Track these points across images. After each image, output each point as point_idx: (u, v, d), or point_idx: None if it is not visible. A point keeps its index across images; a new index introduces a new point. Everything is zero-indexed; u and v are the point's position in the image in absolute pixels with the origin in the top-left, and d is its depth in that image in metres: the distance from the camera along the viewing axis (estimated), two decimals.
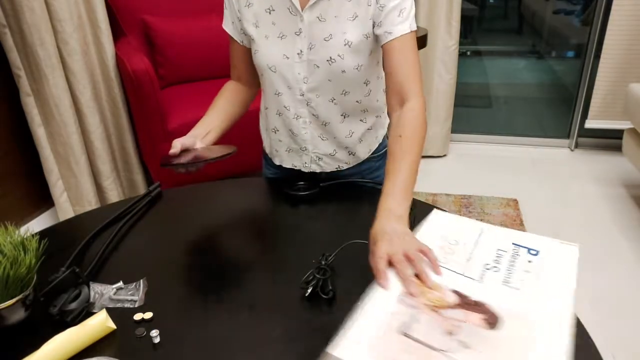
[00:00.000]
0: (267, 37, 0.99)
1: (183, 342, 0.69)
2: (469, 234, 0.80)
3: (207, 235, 0.95)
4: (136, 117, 2.27)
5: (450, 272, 0.71)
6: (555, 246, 0.76)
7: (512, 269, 0.72)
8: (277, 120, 1.10)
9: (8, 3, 1.88)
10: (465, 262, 0.73)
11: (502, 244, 0.77)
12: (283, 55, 0.99)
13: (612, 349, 1.60)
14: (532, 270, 0.71)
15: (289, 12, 0.96)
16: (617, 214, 2.37)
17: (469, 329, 0.62)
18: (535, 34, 3.58)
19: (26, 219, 2.22)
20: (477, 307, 0.65)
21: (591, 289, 1.87)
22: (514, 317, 0.63)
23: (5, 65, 1.99)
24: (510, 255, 0.75)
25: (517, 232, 0.80)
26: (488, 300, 0.66)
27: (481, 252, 0.76)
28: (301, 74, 1.00)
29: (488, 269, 0.72)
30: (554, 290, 0.67)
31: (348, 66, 0.98)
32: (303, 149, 1.11)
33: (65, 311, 0.72)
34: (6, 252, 0.70)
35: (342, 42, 0.96)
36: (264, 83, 1.07)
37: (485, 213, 2.39)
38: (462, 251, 0.76)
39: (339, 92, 1.03)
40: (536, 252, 0.75)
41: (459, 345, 0.59)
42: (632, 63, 2.77)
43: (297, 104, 1.04)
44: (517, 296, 0.67)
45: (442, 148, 2.99)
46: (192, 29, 2.44)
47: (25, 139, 2.12)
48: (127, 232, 0.96)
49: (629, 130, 2.40)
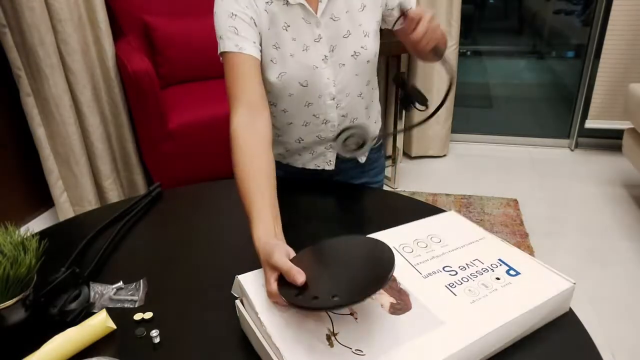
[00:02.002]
0: (293, 55, 0.97)
1: (183, 342, 0.69)
2: (463, 238, 0.80)
3: (207, 235, 0.95)
4: (136, 117, 2.27)
5: (405, 262, 0.74)
6: (546, 275, 0.72)
7: (471, 278, 0.70)
8: (302, 131, 1.09)
9: (8, 3, 1.88)
10: (428, 259, 0.74)
11: (487, 255, 0.76)
12: (312, 66, 0.98)
13: (612, 349, 1.59)
14: (491, 287, 0.69)
15: (304, 22, 0.95)
16: (617, 214, 2.37)
17: (369, 306, 0.64)
18: (536, 34, 3.58)
19: (26, 219, 2.22)
20: (397, 292, 0.67)
21: (591, 289, 1.87)
22: (420, 312, 0.64)
23: (5, 65, 1.99)
24: (482, 267, 0.73)
25: (518, 252, 0.77)
26: (414, 292, 0.67)
27: (455, 256, 0.75)
28: (330, 78, 1.00)
29: (445, 271, 0.72)
30: (496, 309, 0.65)
31: (370, 55, 1.01)
32: (328, 147, 1.12)
33: (65, 311, 0.72)
34: (6, 252, 0.70)
35: (361, 34, 0.99)
36: (292, 101, 1.02)
37: (485, 213, 2.39)
38: (436, 249, 0.77)
39: (364, 84, 1.05)
40: (516, 273, 0.72)
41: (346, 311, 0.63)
42: (632, 63, 2.77)
43: (327, 109, 1.04)
44: (447, 300, 0.66)
45: (442, 148, 2.99)
46: (192, 29, 2.44)
47: (25, 139, 2.12)
48: (127, 232, 0.96)
49: (629, 130, 2.40)
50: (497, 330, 0.62)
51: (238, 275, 0.70)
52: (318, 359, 0.57)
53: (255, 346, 0.65)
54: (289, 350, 0.57)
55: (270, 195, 0.79)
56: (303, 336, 0.60)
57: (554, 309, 0.69)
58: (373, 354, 0.57)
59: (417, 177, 2.80)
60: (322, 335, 0.60)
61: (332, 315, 0.62)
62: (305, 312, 0.62)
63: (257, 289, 0.67)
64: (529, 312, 0.65)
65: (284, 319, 0.62)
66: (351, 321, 0.62)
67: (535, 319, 0.67)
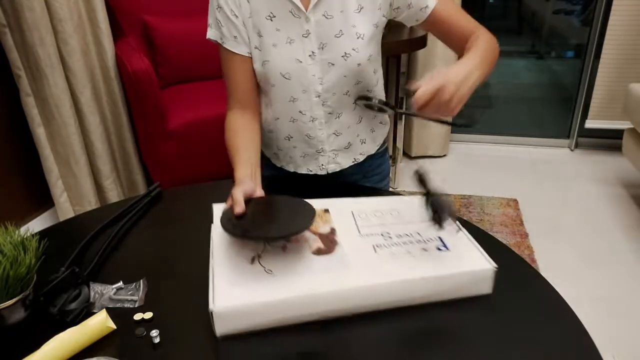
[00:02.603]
0: (275, 45, 0.97)
1: (183, 342, 0.69)
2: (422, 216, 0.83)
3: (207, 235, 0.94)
4: (136, 117, 2.27)
5: (353, 224, 0.84)
6: (473, 256, 0.76)
7: (400, 245, 0.78)
8: (290, 127, 1.08)
9: (8, 3, 1.88)
10: (374, 225, 0.83)
11: (430, 232, 0.81)
12: (296, 59, 0.97)
13: (612, 349, 1.60)
14: (413, 254, 0.76)
15: (291, 15, 0.95)
16: (617, 214, 2.37)
17: (299, 245, 0.78)
18: (535, 34, 3.58)
19: (26, 219, 2.22)
20: (329, 242, 0.79)
21: (591, 289, 1.87)
22: (335, 257, 0.76)
23: (5, 65, 1.99)
24: (417, 239, 0.80)
25: (464, 236, 0.81)
26: (343, 244, 0.79)
27: (400, 228, 0.83)
28: (316, 75, 0.99)
29: (382, 235, 0.81)
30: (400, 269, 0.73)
31: (362, 58, 0.98)
32: (319, 150, 1.09)
33: (65, 311, 0.72)
34: (6, 252, 0.70)
35: (354, 36, 0.96)
36: (275, 93, 1.03)
37: (485, 213, 2.39)
38: (387, 220, 0.85)
39: (352, 84, 1.03)
40: (446, 249, 0.78)
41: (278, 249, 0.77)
42: (632, 63, 2.77)
43: (313, 106, 1.03)
44: (366, 254, 0.76)
45: (442, 148, 2.99)
46: (192, 29, 2.44)
47: (25, 139, 2.12)
48: (127, 232, 0.96)
49: (629, 130, 2.40)
50: (390, 283, 0.71)
51: (214, 204, 0.89)
52: (234, 271, 0.73)
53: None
54: (218, 263, 0.75)
55: (254, 149, 0.97)
56: (235, 255, 0.76)
57: (463, 285, 0.74)
58: (277, 273, 0.72)
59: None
60: (250, 257, 0.76)
61: (267, 245, 0.78)
62: (230, 237, 0.78)
63: None
64: (432, 277, 0.72)
65: (229, 242, 0.79)
66: (279, 252, 0.77)
67: (439, 287, 0.73)
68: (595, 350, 0.66)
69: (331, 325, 0.70)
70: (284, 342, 0.68)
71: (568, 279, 1.93)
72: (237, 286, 0.70)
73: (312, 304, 0.69)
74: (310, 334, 0.69)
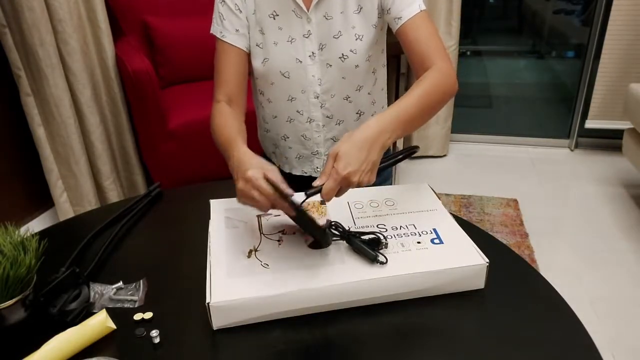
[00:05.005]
0: (276, 43, 0.97)
1: (183, 342, 0.69)
2: (416, 206, 0.87)
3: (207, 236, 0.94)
4: (136, 117, 2.27)
5: (349, 215, 0.85)
6: (466, 250, 0.77)
7: (394, 237, 0.79)
8: (287, 127, 1.08)
9: (8, 3, 1.88)
10: (370, 216, 0.84)
11: (425, 223, 0.82)
12: (295, 59, 0.98)
13: (612, 349, 1.60)
14: (407, 247, 0.77)
15: (294, 14, 0.95)
16: (617, 214, 2.37)
17: (295, 238, 0.80)
18: (536, 34, 3.58)
19: (26, 219, 2.22)
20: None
21: (591, 289, 1.87)
22: (329, 251, 0.77)
23: (5, 65, 1.98)
24: (412, 231, 0.81)
25: (456, 228, 0.82)
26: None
27: (396, 219, 0.83)
28: (315, 75, 0.99)
29: (377, 227, 0.81)
30: (392, 263, 0.73)
31: (360, 59, 0.98)
32: (315, 153, 1.10)
33: (65, 311, 0.72)
34: (6, 252, 0.70)
35: (352, 37, 0.96)
36: (274, 91, 1.03)
37: (485, 213, 2.39)
38: (383, 210, 0.86)
39: (353, 89, 1.02)
40: (440, 242, 0.78)
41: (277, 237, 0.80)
42: (632, 63, 2.77)
43: (311, 107, 1.03)
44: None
45: (442, 148, 2.99)
46: (192, 29, 2.44)
47: (25, 139, 2.12)
48: (127, 232, 0.96)
49: (629, 130, 2.40)
50: (384, 278, 0.71)
51: (211, 200, 0.91)
52: (231, 265, 0.74)
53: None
54: (215, 257, 0.76)
55: (244, 138, 0.94)
56: (232, 249, 0.78)
57: (456, 280, 0.74)
58: (272, 267, 0.74)
59: (417, 177, 2.80)
60: (247, 250, 0.78)
61: (262, 238, 0.80)
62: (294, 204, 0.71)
63: (219, 214, 0.87)
64: (425, 273, 0.72)
65: (226, 237, 0.81)
66: (275, 245, 0.79)
67: (432, 282, 0.73)
68: (595, 350, 0.65)
69: (327, 318, 0.71)
70: (280, 336, 0.68)
71: (568, 279, 1.93)
72: (234, 280, 0.72)
73: (307, 297, 0.71)
74: (306, 327, 0.70)
